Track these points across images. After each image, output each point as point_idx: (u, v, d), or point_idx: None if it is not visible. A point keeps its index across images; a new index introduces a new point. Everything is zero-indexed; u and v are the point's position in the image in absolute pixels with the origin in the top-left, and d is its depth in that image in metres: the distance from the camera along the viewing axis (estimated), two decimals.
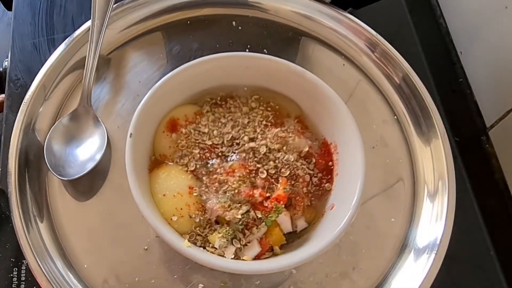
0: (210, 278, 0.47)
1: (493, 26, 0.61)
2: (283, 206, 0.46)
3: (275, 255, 0.46)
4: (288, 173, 0.47)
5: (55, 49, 0.54)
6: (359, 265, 0.49)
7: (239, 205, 0.45)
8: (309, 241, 0.45)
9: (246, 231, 0.45)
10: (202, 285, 0.47)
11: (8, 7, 0.67)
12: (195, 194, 0.46)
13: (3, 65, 0.60)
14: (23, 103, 0.51)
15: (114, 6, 0.54)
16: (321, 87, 0.49)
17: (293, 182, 0.47)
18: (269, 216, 0.45)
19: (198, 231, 0.46)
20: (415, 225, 0.51)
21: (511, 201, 0.60)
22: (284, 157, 0.48)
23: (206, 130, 0.49)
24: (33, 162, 0.50)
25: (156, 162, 0.49)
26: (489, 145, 0.63)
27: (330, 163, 0.49)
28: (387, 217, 0.51)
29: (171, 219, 0.45)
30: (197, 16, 0.60)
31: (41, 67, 0.53)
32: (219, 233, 0.45)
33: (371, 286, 0.48)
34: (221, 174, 0.47)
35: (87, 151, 0.50)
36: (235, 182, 0.46)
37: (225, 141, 0.49)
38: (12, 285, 0.49)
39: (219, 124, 0.50)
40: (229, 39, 0.58)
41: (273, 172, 0.47)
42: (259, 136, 0.49)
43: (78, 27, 0.56)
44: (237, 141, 0.49)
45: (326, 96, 0.48)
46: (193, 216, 0.46)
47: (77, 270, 0.47)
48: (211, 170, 0.47)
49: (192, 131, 0.49)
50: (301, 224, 0.48)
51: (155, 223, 0.42)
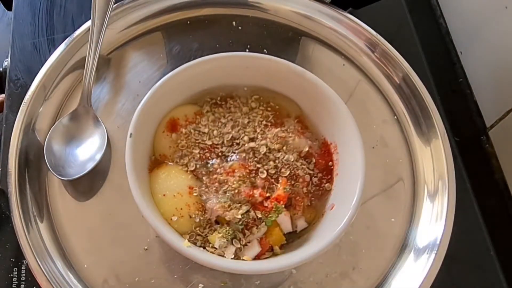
0: (210, 278, 0.47)
1: (493, 26, 0.61)
2: (283, 206, 0.46)
3: (275, 255, 0.46)
4: (288, 173, 0.47)
5: (55, 49, 0.54)
6: (359, 265, 0.49)
7: (239, 205, 0.45)
8: (309, 241, 0.45)
9: (246, 231, 0.45)
10: (202, 285, 0.47)
11: (8, 7, 0.67)
12: (195, 194, 0.46)
13: (3, 65, 0.60)
14: (23, 103, 0.51)
15: (114, 6, 0.54)
16: (321, 87, 0.48)
17: (293, 182, 0.47)
18: (269, 216, 0.45)
19: (198, 231, 0.46)
20: (415, 225, 0.51)
21: (511, 201, 0.60)
22: (284, 157, 0.48)
23: (206, 130, 0.49)
24: (33, 162, 0.50)
25: (156, 162, 0.49)
26: (489, 145, 0.63)
27: (330, 163, 0.49)
28: (387, 217, 0.51)
29: (171, 219, 0.45)
30: (197, 16, 0.60)
31: (41, 67, 0.53)
32: (219, 233, 0.45)
33: (371, 286, 0.48)
34: (221, 174, 0.47)
35: (87, 151, 0.50)
36: (235, 182, 0.46)
37: (225, 141, 0.49)
38: (12, 285, 0.49)
39: (219, 124, 0.50)
40: (229, 39, 0.58)
41: (273, 172, 0.47)
42: (259, 136, 0.49)
43: (78, 27, 0.56)
44: (237, 141, 0.49)
45: (326, 96, 0.48)
46: (193, 216, 0.46)
47: (77, 270, 0.47)
48: (211, 170, 0.47)
49: (192, 131, 0.49)
50: (301, 224, 0.48)
51: (155, 223, 0.42)
